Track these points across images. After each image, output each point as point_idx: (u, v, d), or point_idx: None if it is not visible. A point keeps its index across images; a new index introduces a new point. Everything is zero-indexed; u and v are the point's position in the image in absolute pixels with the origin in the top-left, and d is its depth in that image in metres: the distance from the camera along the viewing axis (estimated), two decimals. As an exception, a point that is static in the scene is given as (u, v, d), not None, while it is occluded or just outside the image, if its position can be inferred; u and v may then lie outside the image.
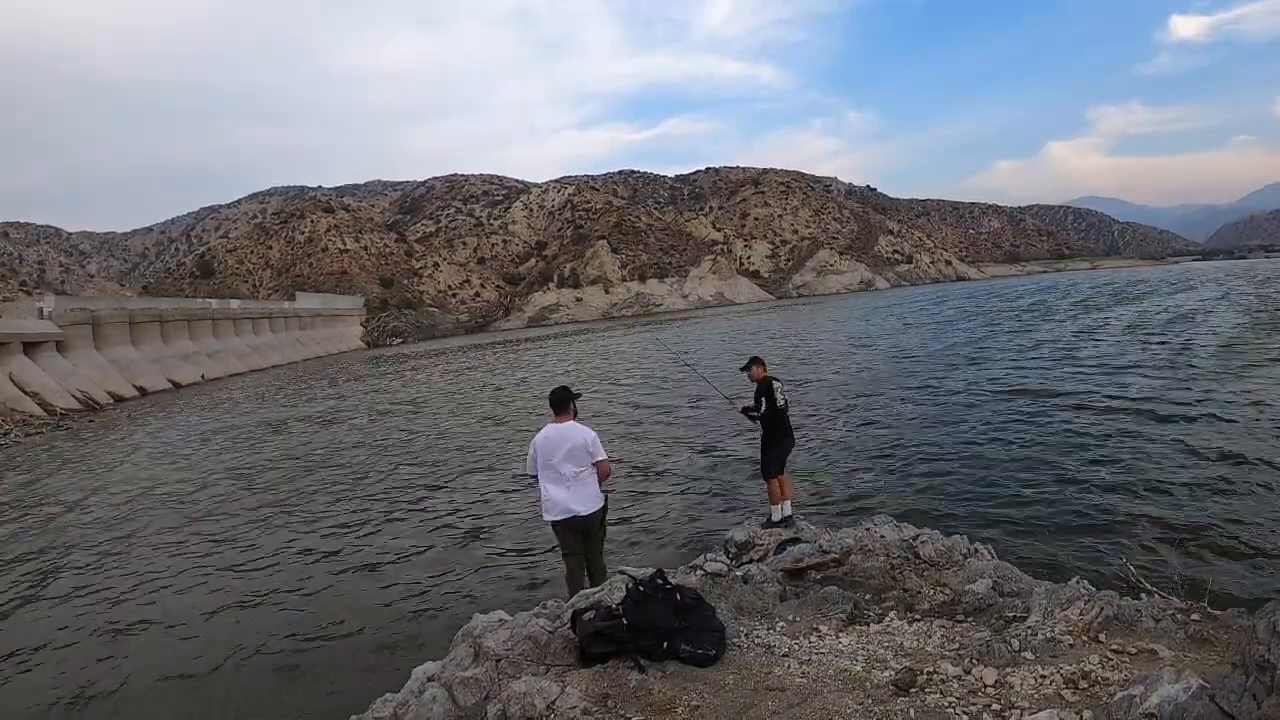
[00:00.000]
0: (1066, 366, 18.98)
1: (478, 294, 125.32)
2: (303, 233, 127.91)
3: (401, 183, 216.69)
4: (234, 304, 68.57)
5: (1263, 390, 13.65)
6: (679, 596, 3.77)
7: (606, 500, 5.39)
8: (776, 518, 6.76)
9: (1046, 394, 15.34)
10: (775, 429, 6.83)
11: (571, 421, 5.32)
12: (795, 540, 6.07)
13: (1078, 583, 4.30)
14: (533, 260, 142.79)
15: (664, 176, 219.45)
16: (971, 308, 53.36)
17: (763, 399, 6.73)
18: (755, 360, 7.01)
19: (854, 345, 32.72)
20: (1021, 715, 2.68)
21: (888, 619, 4.12)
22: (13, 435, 25.65)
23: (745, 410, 6.95)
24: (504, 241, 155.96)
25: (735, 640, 3.79)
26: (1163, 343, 21.95)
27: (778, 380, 6.91)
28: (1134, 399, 13.97)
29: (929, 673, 3.16)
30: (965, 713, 2.79)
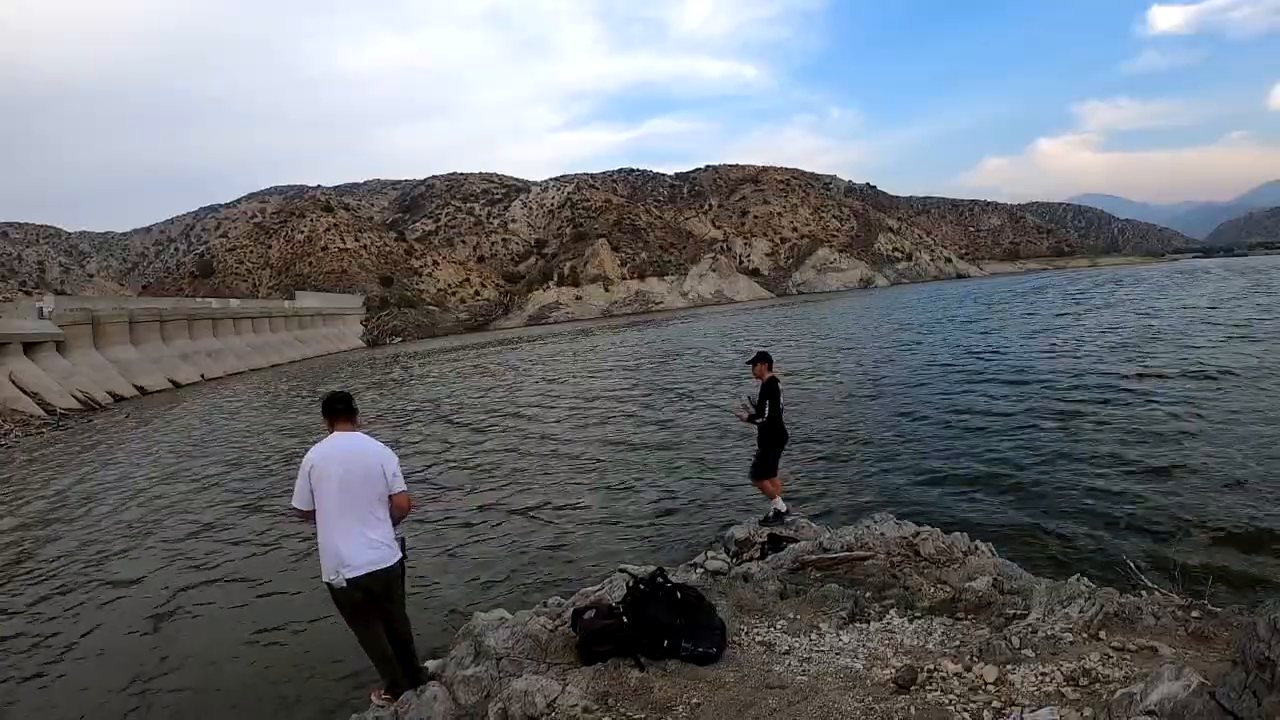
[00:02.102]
0: (1069, 366, 18.96)
1: (477, 292, 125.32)
2: (302, 232, 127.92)
3: (401, 181, 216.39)
4: (234, 303, 68.56)
5: (1265, 390, 13.64)
6: (679, 595, 3.77)
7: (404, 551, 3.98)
8: (783, 508, 6.67)
9: (1049, 394, 15.32)
10: (774, 430, 6.59)
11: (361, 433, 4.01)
12: (794, 539, 6.08)
13: (1078, 580, 4.31)
14: (532, 259, 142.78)
15: (663, 174, 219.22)
16: (972, 305, 53.34)
17: (767, 403, 6.46)
18: (761, 356, 6.64)
19: (855, 342, 32.71)
20: (1022, 713, 2.68)
21: (888, 617, 4.13)
22: (13, 435, 25.65)
23: (751, 419, 6.62)
24: (504, 240, 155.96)
25: (735, 638, 3.79)
26: (1165, 343, 21.91)
27: (779, 379, 6.70)
28: (1135, 399, 13.96)
29: (929, 670, 3.16)
30: (966, 710, 2.79)
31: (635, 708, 3.08)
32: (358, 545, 3.70)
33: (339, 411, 3.92)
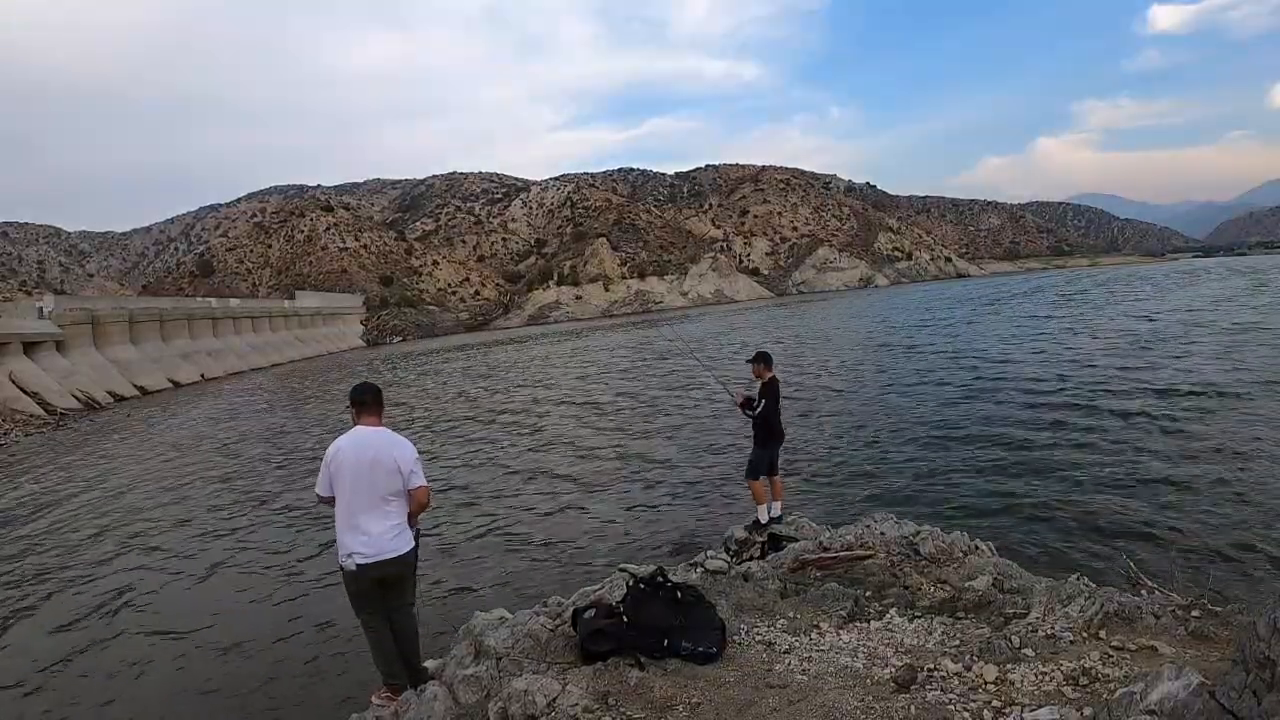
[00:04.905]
0: (1071, 367, 18.96)
1: (477, 292, 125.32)
2: (302, 231, 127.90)
3: (401, 181, 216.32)
4: (234, 303, 68.55)
5: (1266, 395, 13.64)
6: (679, 594, 3.77)
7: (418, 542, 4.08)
8: (764, 519, 6.57)
9: (1049, 394, 15.32)
10: (768, 429, 6.57)
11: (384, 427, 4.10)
12: (794, 539, 6.08)
13: (1078, 579, 4.31)
14: (532, 258, 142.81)
15: (663, 174, 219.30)
16: (971, 306, 53.30)
17: (763, 399, 6.47)
18: (761, 357, 6.61)
19: (854, 342, 32.70)
20: (1022, 712, 2.68)
21: (888, 616, 4.12)
22: (13, 435, 25.64)
23: (745, 403, 6.57)
24: (504, 239, 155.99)
25: (736, 638, 3.79)
26: (1165, 347, 21.87)
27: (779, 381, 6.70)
28: (1134, 397, 13.97)
29: (929, 670, 3.16)
30: (966, 710, 2.79)
31: (635, 707, 3.08)
32: (372, 533, 3.80)
33: (365, 404, 4.04)
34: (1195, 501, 8.10)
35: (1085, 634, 3.40)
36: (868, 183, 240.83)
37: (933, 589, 4.58)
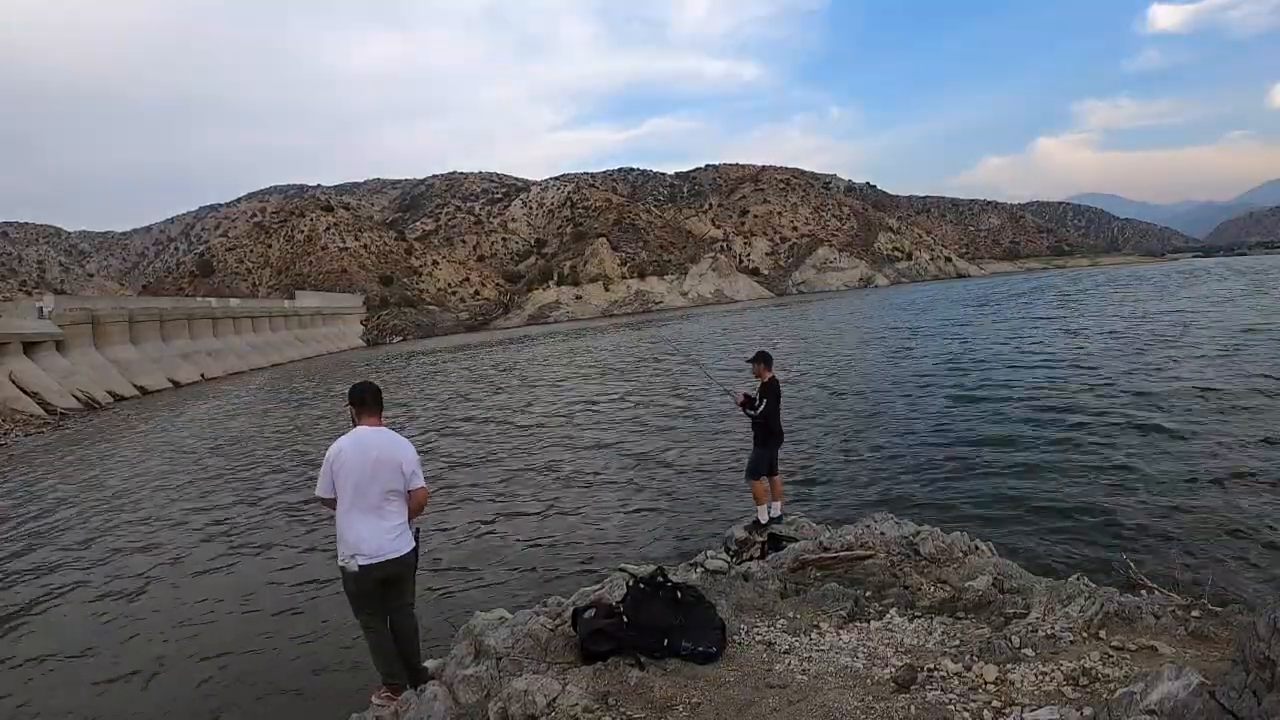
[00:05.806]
0: (1070, 368, 18.95)
1: (477, 292, 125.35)
2: (302, 231, 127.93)
3: (401, 180, 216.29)
4: (233, 303, 68.55)
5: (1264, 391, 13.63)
6: (679, 594, 3.77)
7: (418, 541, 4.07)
8: (764, 519, 6.58)
9: (1048, 395, 15.31)
10: (768, 429, 6.56)
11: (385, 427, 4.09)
12: (792, 539, 6.08)
13: (1078, 579, 4.31)
14: (532, 258, 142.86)
15: (663, 174, 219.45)
16: (971, 307, 53.29)
17: (764, 399, 6.48)
18: (761, 356, 6.60)
19: (853, 343, 32.70)
20: (1022, 712, 2.68)
21: (888, 616, 4.12)
22: (13, 435, 25.64)
23: (745, 402, 6.54)
24: (504, 239, 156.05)
25: (736, 637, 3.79)
26: (1165, 349, 21.85)
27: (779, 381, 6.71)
28: (1134, 399, 13.96)
29: (929, 670, 3.17)
30: (966, 710, 2.79)
31: (635, 707, 3.08)
32: (374, 533, 3.80)
33: (365, 403, 4.02)
34: (1195, 502, 8.09)
35: (1085, 634, 3.41)
36: (868, 183, 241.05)
37: (933, 589, 4.58)
